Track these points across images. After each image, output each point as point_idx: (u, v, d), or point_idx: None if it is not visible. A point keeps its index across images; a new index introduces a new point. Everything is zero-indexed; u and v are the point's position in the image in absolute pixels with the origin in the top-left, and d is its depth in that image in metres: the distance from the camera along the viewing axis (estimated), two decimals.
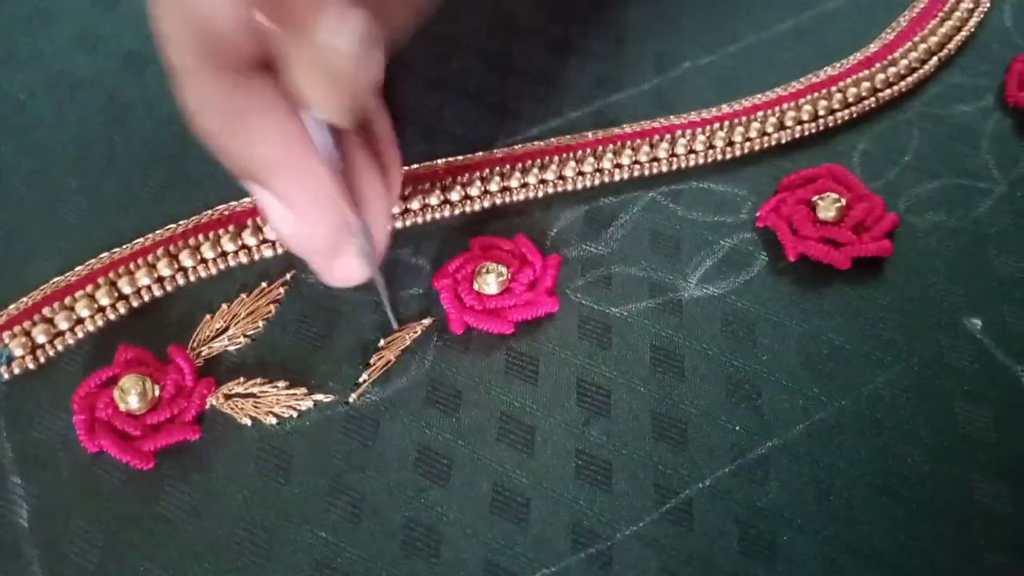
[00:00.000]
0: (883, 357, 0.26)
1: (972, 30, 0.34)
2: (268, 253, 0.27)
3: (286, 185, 0.21)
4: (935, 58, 0.33)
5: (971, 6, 0.34)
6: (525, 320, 0.26)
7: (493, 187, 0.29)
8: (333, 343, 0.26)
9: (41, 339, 0.25)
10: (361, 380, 0.25)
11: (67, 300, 0.26)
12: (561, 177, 0.29)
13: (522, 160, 0.29)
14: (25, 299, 0.26)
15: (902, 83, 0.32)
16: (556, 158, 0.29)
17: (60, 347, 0.25)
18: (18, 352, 0.25)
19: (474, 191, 0.28)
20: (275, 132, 0.20)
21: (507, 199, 0.29)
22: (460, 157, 0.29)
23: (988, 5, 0.35)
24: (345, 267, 0.23)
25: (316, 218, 0.21)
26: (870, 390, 0.25)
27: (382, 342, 0.26)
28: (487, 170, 0.29)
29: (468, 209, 0.29)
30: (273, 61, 0.20)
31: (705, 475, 0.24)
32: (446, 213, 0.28)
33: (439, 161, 0.29)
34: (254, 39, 0.20)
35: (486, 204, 0.29)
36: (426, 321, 0.26)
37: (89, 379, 0.25)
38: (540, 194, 0.29)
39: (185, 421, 0.24)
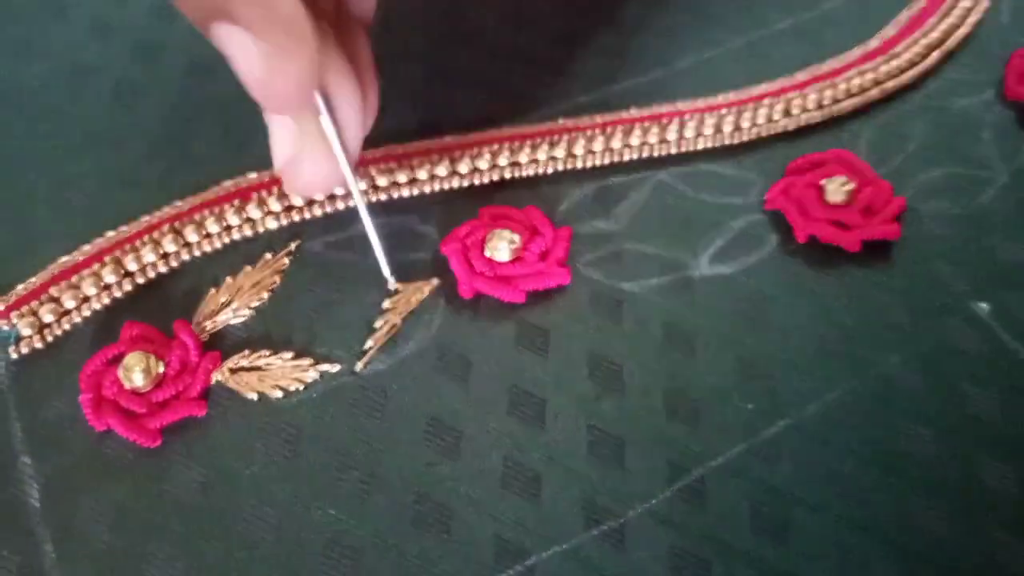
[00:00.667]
0: (892, 339, 0.26)
1: (971, 27, 0.34)
2: (273, 225, 0.27)
3: (253, 12, 0.19)
4: (936, 53, 0.33)
5: (969, 4, 0.35)
6: (535, 291, 0.26)
7: (502, 161, 0.28)
8: (338, 311, 0.26)
9: (48, 318, 0.25)
10: (367, 347, 0.25)
11: (74, 279, 0.26)
12: (571, 155, 0.29)
13: (532, 138, 0.29)
14: (33, 279, 0.26)
15: (905, 75, 0.32)
16: (566, 136, 0.29)
17: (67, 326, 0.25)
18: (26, 332, 0.25)
19: (483, 164, 0.28)
20: None
21: (516, 174, 0.29)
22: (469, 133, 0.29)
23: (987, 3, 0.35)
24: (313, 167, 0.23)
25: (285, 46, 0.19)
26: (879, 371, 0.25)
27: (387, 303, 0.25)
28: (496, 145, 0.29)
29: (476, 181, 0.28)
30: None
31: (718, 453, 0.24)
32: (454, 184, 0.28)
33: (447, 137, 0.29)
34: None
35: (494, 177, 0.28)
36: (434, 281, 0.26)
37: (95, 357, 0.24)
38: (549, 171, 0.29)
39: (191, 397, 0.24)
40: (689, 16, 0.35)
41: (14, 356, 0.24)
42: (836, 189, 0.28)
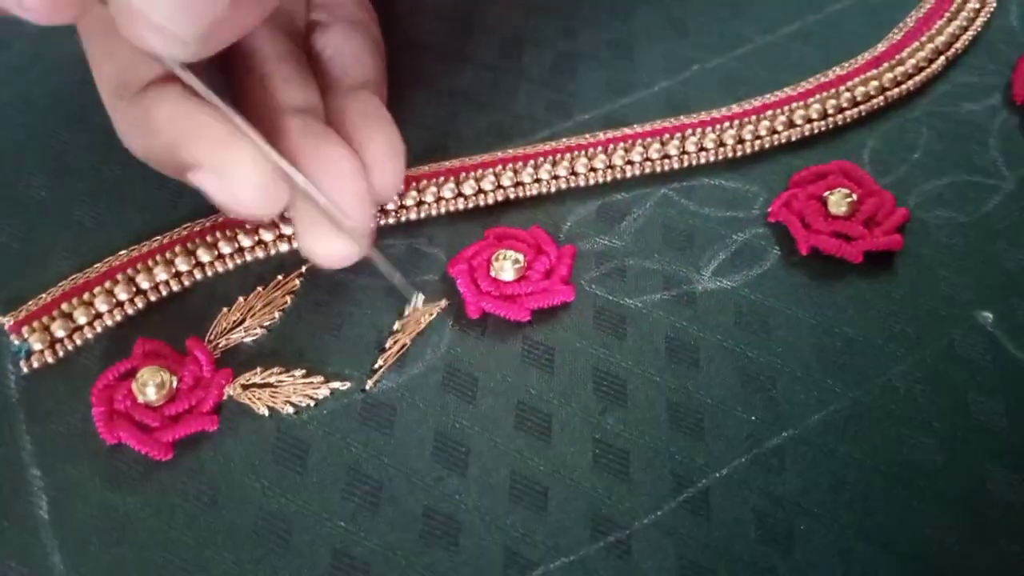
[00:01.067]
0: (896, 349, 0.26)
1: (979, 30, 0.34)
2: (284, 248, 0.27)
3: (200, 152, 0.22)
4: (942, 57, 0.33)
5: (977, 6, 0.35)
6: (541, 309, 0.26)
7: (506, 181, 0.29)
8: (349, 331, 0.26)
9: (60, 333, 0.25)
10: (377, 365, 0.25)
11: (85, 295, 0.26)
12: (573, 173, 0.29)
13: (534, 158, 0.29)
14: (44, 295, 0.26)
15: (910, 82, 0.32)
16: (568, 155, 0.30)
17: (78, 341, 0.26)
18: (37, 346, 0.25)
19: (487, 185, 0.29)
20: (174, 114, 0.23)
21: (520, 193, 0.29)
22: (472, 156, 0.30)
23: (995, 5, 0.35)
24: (326, 241, 0.24)
25: (234, 171, 0.22)
26: (884, 381, 0.26)
27: (397, 325, 0.26)
28: (500, 166, 0.29)
29: (481, 202, 0.29)
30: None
31: (722, 464, 0.24)
32: (460, 205, 0.29)
33: (452, 160, 0.29)
34: (148, 66, 0.24)
35: (499, 197, 0.29)
36: (442, 303, 0.26)
37: (108, 372, 0.25)
38: (553, 189, 0.29)
39: (203, 412, 0.24)
40: (692, 23, 0.35)
41: (25, 370, 0.25)
42: (839, 201, 0.28)
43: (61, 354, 0.25)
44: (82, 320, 0.26)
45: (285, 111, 0.24)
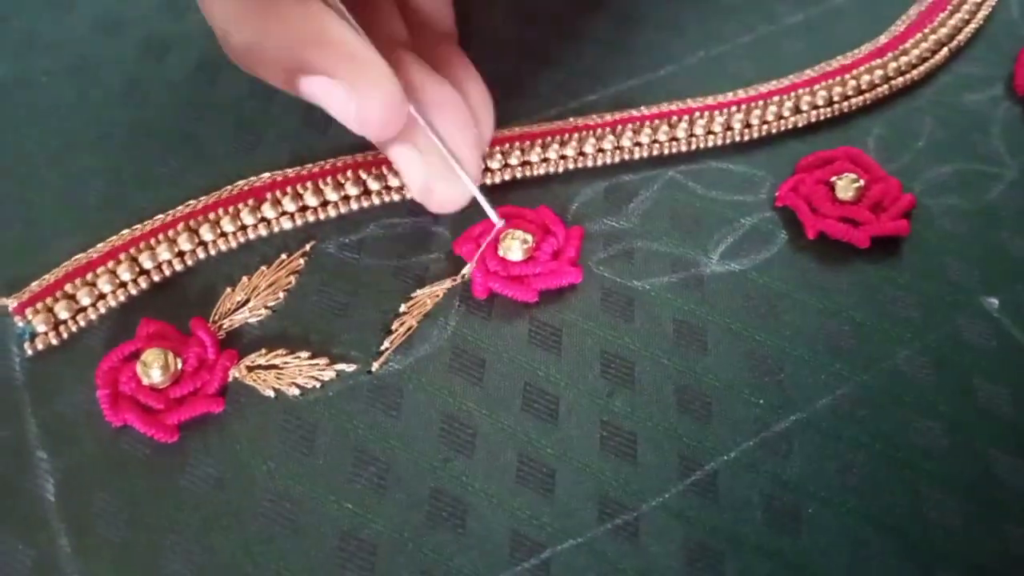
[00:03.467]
0: (902, 334, 0.26)
1: (981, 22, 0.34)
2: (287, 225, 0.27)
3: (329, 61, 0.21)
4: (945, 49, 0.33)
5: (979, 0, 0.35)
6: (548, 290, 0.26)
7: (513, 160, 0.29)
8: (354, 311, 0.26)
9: (63, 315, 0.25)
10: (383, 347, 0.25)
11: (89, 276, 0.26)
12: (581, 153, 0.29)
13: (542, 137, 0.29)
14: (47, 276, 0.26)
15: (914, 71, 0.32)
16: (576, 135, 0.29)
17: (82, 322, 0.25)
18: (41, 328, 0.25)
19: (494, 164, 0.29)
20: (302, 12, 0.21)
21: (527, 173, 0.29)
22: None
23: None
24: (443, 186, 0.24)
25: (369, 88, 0.21)
26: (890, 366, 0.26)
27: (403, 307, 0.26)
28: (507, 144, 0.29)
29: (488, 181, 0.29)
30: None
31: (730, 448, 0.24)
32: None
33: None
34: None
35: (506, 177, 0.29)
36: (448, 282, 0.26)
37: (112, 354, 0.24)
38: (560, 169, 0.29)
39: (208, 394, 0.24)
40: (698, 11, 0.35)
41: (29, 352, 0.25)
42: (846, 186, 0.28)
43: (65, 336, 0.25)
44: (85, 301, 0.25)
45: (390, 43, 0.24)
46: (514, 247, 0.26)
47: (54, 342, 0.25)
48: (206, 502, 0.23)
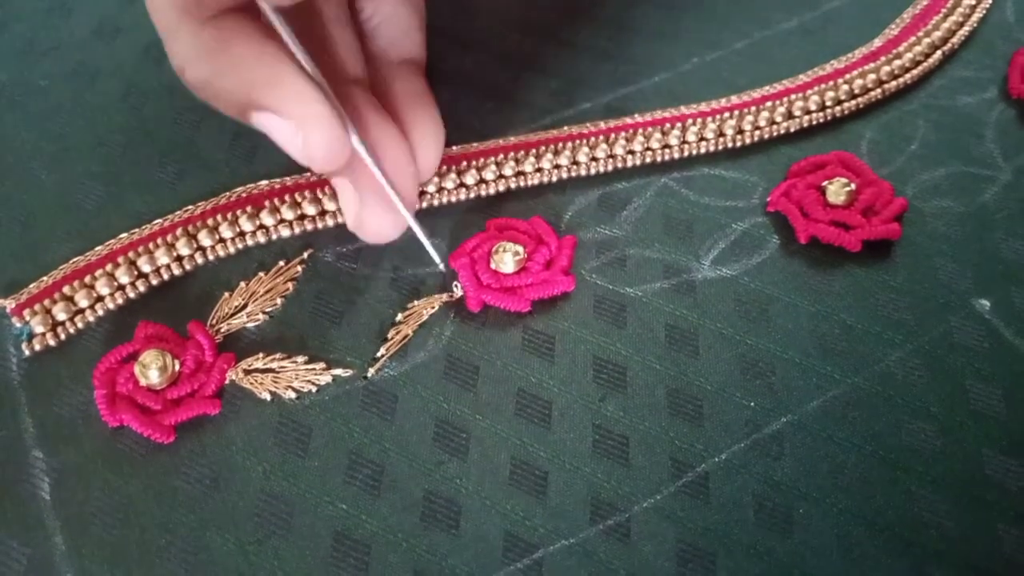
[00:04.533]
0: (894, 336, 0.26)
1: (975, 25, 0.35)
2: (286, 233, 0.28)
3: (278, 100, 0.22)
4: (939, 52, 0.33)
5: (973, 2, 0.35)
6: (541, 299, 0.26)
7: (507, 171, 0.29)
8: (351, 319, 0.26)
9: (61, 316, 0.26)
10: (379, 354, 0.25)
11: (87, 279, 0.26)
12: (575, 162, 0.29)
13: (535, 147, 0.30)
14: (45, 278, 0.26)
15: (907, 75, 0.33)
16: (569, 144, 0.30)
17: (80, 324, 0.26)
18: (39, 329, 0.25)
19: (489, 175, 0.29)
20: (255, 54, 0.22)
21: (521, 183, 0.29)
22: (474, 144, 0.30)
23: (990, 1, 0.35)
24: (375, 219, 0.25)
25: (313, 127, 0.22)
26: (882, 368, 0.26)
27: (399, 317, 0.26)
28: (501, 155, 0.29)
29: (483, 192, 0.29)
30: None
31: (721, 450, 0.24)
32: (461, 196, 0.29)
33: (453, 147, 0.30)
34: None
35: (501, 188, 0.29)
36: (443, 296, 0.26)
37: (110, 354, 0.25)
38: (554, 179, 0.29)
39: (205, 395, 0.24)
40: (693, 19, 0.35)
41: (27, 353, 0.25)
42: (837, 190, 0.28)
43: (63, 337, 0.25)
44: (84, 303, 0.26)
45: (343, 78, 0.25)
46: (506, 259, 0.26)
47: (52, 343, 0.25)
48: (201, 502, 0.23)
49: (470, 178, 0.29)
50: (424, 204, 0.29)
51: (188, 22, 0.23)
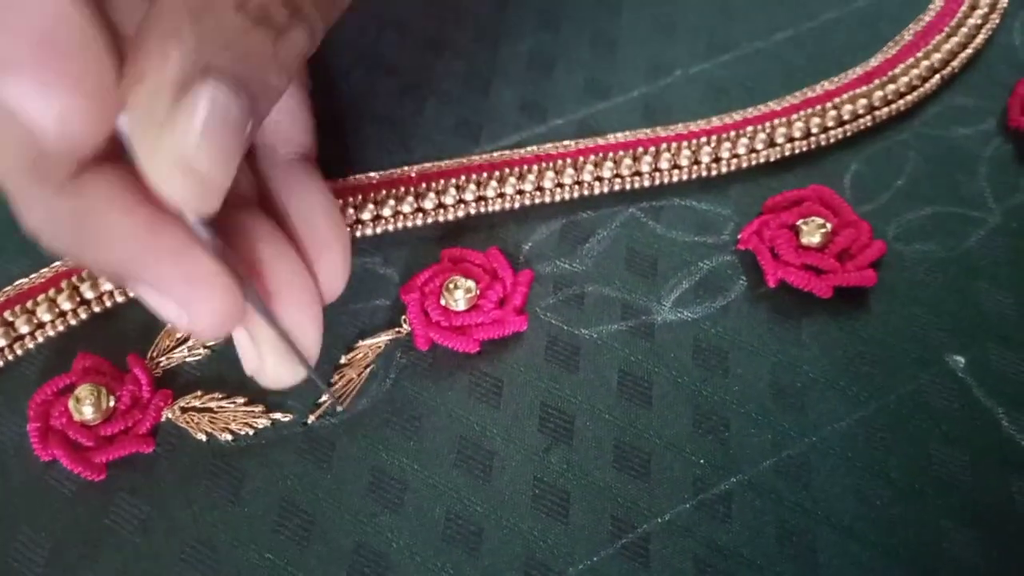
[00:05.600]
0: (859, 393, 0.25)
1: (979, 48, 0.32)
2: None
3: (157, 277, 0.19)
4: (937, 76, 0.31)
5: (979, 23, 0.33)
6: (491, 339, 0.25)
7: (468, 196, 0.28)
8: None
9: (0, 342, 0.25)
10: (321, 400, 0.25)
11: (29, 304, 0.26)
12: (539, 188, 0.28)
13: (499, 168, 0.28)
14: None
15: (901, 101, 0.31)
16: (535, 168, 0.28)
17: (19, 351, 0.25)
18: None
19: (448, 199, 0.28)
20: (125, 225, 0.18)
21: (482, 209, 0.28)
22: (435, 164, 0.29)
23: (997, 22, 0.33)
24: (274, 370, 0.22)
25: (202, 306, 0.19)
26: (843, 427, 0.25)
27: (344, 359, 0.25)
28: (463, 177, 0.28)
29: (442, 218, 0.28)
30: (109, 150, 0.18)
31: (665, 510, 0.23)
32: (419, 222, 0.28)
33: (413, 169, 0.28)
34: (73, 142, 0.17)
35: (460, 214, 0.28)
36: (390, 334, 0.25)
37: (46, 386, 0.24)
38: (517, 205, 0.28)
39: (139, 434, 0.24)
40: (677, 27, 0.33)
41: None
42: (812, 231, 0.27)
43: (1, 364, 0.25)
44: (24, 329, 0.25)
45: (229, 203, 0.19)
46: (457, 296, 0.25)
47: None
48: (128, 543, 0.23)
49: (429, 203, 0.28)
50: (379, 230, 0.28)
51: (42, 186, 0.18)
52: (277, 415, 0.24)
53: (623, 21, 0.33)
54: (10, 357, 0.25)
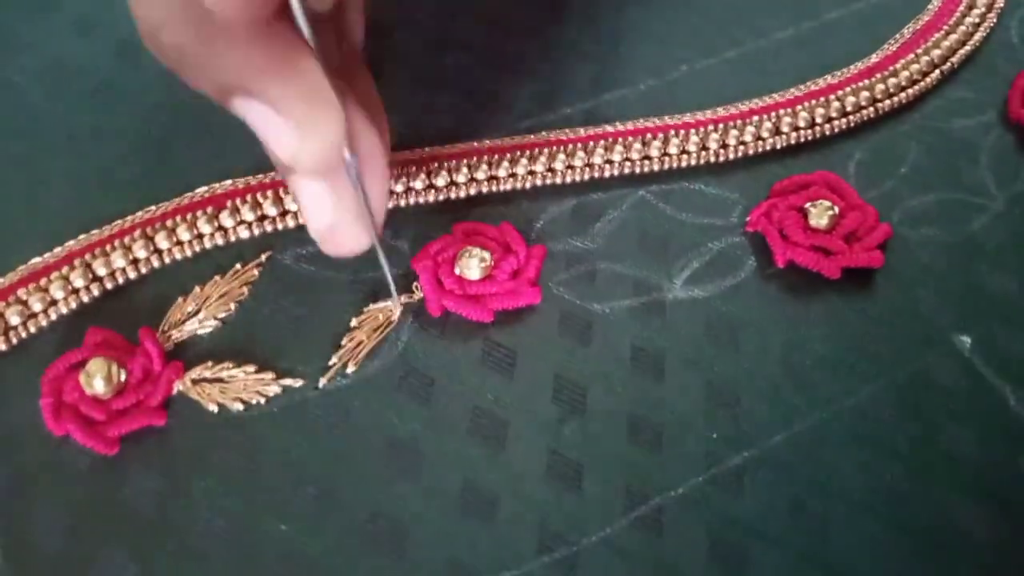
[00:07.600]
0: (868, 370, 0.25)
1: (977, 45, 0.33)
2: (245, 234, 0.27)
3: (278, 92, 0.18)
4: (937, 71, 0.32)
5: (977, 21, 0.34)
6: (505, 310, 0.26)
7: (480, 175, 0.28)
8: (306, 325, 0.25)
9: (15, 320, 0.25)
10: (331, 363, 0.25)
11: (42, 282, 0.25)
12: (550, 170, 0.28)
13: (511, 151, 0.29)
14: (1, 280, 0.26)
15: (902, 94, 0.31)
16: (546, 150, 0.29)
17: (33, 329, 0.25)
18: None
19: (460, 177, 0.28)
20: (258, 25, 0.18)
21: (494, 188, 0.28)
22: (447, 146, 0.29)
23: (995, 20, 0.34)
24: (350, 231, 0.22)
25: (316, 133, 0.19)
26: (852, 403, 0.25)
27: (354, 322, 0.25)
28: (475, 158, 0.28)
29: (453, 195, 0.28)
30: None
31: (678, 482, 0.23)
32: (430, 198, 0.28)
33: (425, 148, 0.29)
34: None
35: (472, 191, 0.28)
36: (402, 298, 0.26)
37: (58, 362, 0.24)
38: (528, 185, 0.28)
39: (151, 406, 0.24)
40: (685, 24, 0.34)
41: None
42: (819, 213, 0.27)
43: (15, 341, 0.25)
44: (37, 307, 0.25)
45: (333, 75, 0.20)
46: (472, 265, 0.25)
47: (3, 348, 0.25)
48: (143, 516, 0.22)
49: (441, 180, 0.28)
50: (391, 204, 0.28)
51: None
52: (288, 381, 0.24)
53: (630, 17, 0.34)
54: (24, 335, 0.25)
